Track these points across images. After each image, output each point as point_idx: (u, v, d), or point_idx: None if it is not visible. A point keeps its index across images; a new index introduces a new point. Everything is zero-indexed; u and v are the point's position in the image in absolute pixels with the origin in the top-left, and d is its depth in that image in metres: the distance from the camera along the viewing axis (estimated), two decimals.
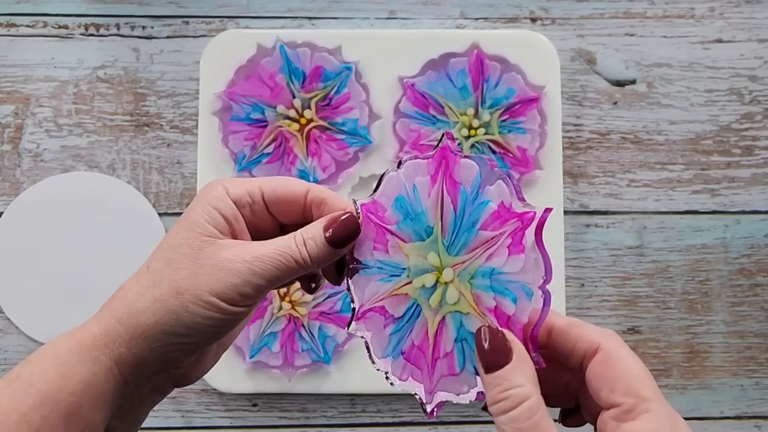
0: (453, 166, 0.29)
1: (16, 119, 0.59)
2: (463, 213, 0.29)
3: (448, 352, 0.30)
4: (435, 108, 0.56)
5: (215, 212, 0.30)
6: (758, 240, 0.59)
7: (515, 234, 0.28)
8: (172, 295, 0.29)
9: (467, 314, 0.29)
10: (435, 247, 0.30)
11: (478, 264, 0.29)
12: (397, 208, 0.30)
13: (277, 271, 0.29)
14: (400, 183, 0.30)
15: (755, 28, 0.60)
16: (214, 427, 0.58)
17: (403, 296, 0.31)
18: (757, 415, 0.59)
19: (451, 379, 0.30)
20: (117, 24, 0.60)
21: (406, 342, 0.31)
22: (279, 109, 0.56)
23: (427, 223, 0.30)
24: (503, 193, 0.29)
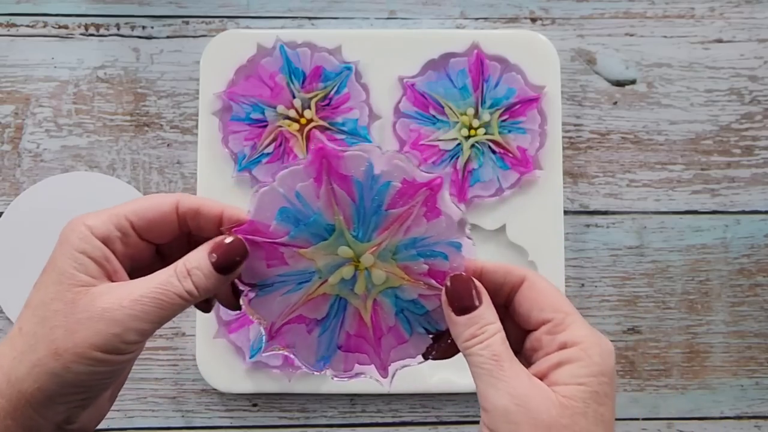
0: (337, 162, 0.29)
1: (16, 119, 0.59)
2: (363, 200, 0.29)
3: (391, 326, 0.31)
4: (435, 108, 0.56)
5: (82, 257, 0.28)
6: (758, 240, 0.59)
7: (428, 201, 0.29)
8: (51, 358, 0.26)
9: (400, 287, 0.30)
10: (343, 240, 0.30)
11: (398, 240, 0.30)
12: (283, 219, 0.29)
13: (160, 311, 0.27)
14: (277, 195, 0.29)
15: (755, 28, 0.60)
16: (214, 427, 0.58)
17: (322, 297, 0.30)
18: (757, 415, 0.59)
19: (401, 347, 0.31)
20: (117, 24, 0.60)
21: (341, 335, 0.31)
22: (279, 109, 0.56)
23: (325, 222, 0.29)
24: (403, 171, 0.29)
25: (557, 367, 0.28)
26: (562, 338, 0.28)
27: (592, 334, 0.28)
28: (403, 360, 0.31)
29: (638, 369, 0.59)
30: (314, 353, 0.31)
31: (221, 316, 0.55)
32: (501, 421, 0.27)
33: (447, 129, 0.56)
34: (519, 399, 0.26)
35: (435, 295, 0.30)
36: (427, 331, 0.31)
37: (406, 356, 0.31)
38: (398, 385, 0.56)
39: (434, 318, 0.31)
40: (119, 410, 0.57)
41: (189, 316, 0.57)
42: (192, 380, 0.58)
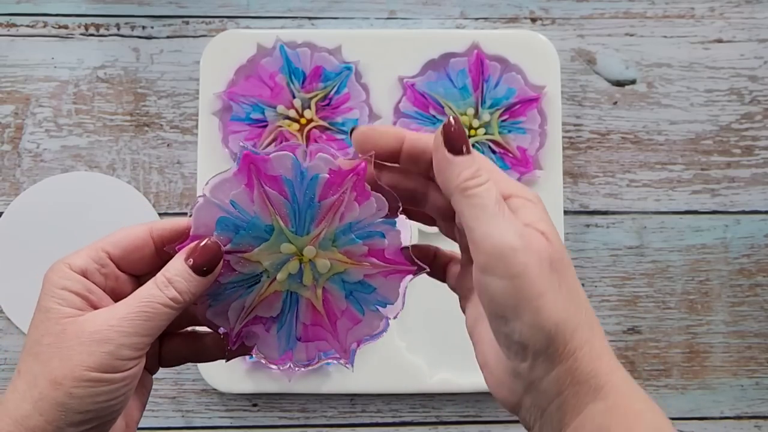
0: (264, 166, 0.30)
1: (16, 119, 0.59)
2: (295, 196, 0.30)
3: (344, 310, 0.32)
4: (435, 108, 0.56)
5: (64, 292, 0.28)
6: (758, 240, 0.59)
7: (356, 186, 0.30)
8: (51, 389, 0.27)
9: (345, 271, 0.31)
10: (283, 238, 0.31)
11: (334, 227, 0.31)
12: (223, 229, 0.30)
13: (147, 322, 0.28)
14: (213, 207, 0.30)
15: (755, 28, 0.60)
16: (214, 427, 0.58)
17: (274, 295, 0.31)
18: (757, 415, 0.59)
19: (357, 327, 0.32)
20: (117, 24, 0.60)
21: (298, 328, 0.32)
22: (279, 109, 0.56)
23: (263, 224, 0.30)
24: (328, 162, 0.30)
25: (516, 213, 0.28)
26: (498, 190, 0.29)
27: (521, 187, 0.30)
28: (362, 338, 0.33)
29: (638, 369, 0.59)
30: (276, 349, 0.32)
31: None
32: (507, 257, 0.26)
33: None
34: (522, 237, 0.27)
35: (379, 272, 0.32)
36: (378, 307, 0.32)
37: (363, 335, 0.33)
38: (398, 385, 0.57)
39: (382, 294, 0.32)
40: None
41: None
42: (192, 380, 0.58)
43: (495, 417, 0.58)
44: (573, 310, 0.27)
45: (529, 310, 0.26)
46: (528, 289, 0.26)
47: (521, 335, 0.27)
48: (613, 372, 0.27)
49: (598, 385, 0.27)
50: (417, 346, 0.56)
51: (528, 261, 0.26)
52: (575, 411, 0.27)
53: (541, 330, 0.26)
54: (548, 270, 0.27)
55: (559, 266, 0.27)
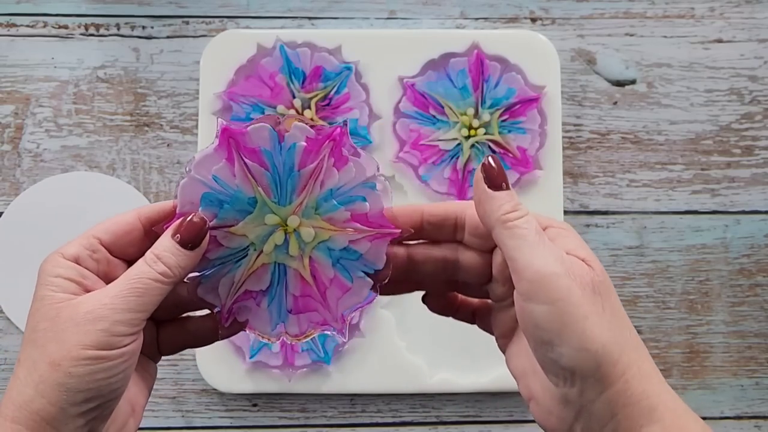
0: (243, 139, 0.30)
1: (16, 119, 0.59)
2: (275, 167, 0.31)
3: (332, 278, 0.32)
4: (435, 108, 0.56)
5: (58, 279, 0.29)
6: (758, 240, 0.59)
7: (334, 152, 0.31)
8: (51, 371, 0.27)
9: (330, 238, 0.32)
10: (266, 209, 0.31)
11: (315, 195, 0.31)
12: (207, 204, 0.31)
13: (139, 298, 0.29)
14: (196, 183, 0.31)
15: (755, 28, 0.60)
16: (214, 427, 0.58)
17: (262, 268, 0.32)
18: (757, 415, 0.59)
19: (347, 295, 0.32)
20: (117, 24, 0.60)
21: (288, 300, 0.32)
22: (279, 109, 0.56)
23: (246, 197, 0.31)
24: (304, 130, 0.31)
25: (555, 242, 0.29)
26: None
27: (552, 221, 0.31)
28: (352, 306, 0.33)
29: None
30: (268, 323, 0.32)
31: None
32: (550, 283, 0.27)
33: (447, 129, 0.56)
34: (564, 262, 0.28)
35: (364, 237, 0.32)
36: (366, 274, 0.32)
37: (353, 303, 0.32)
38: (398, 385, 0.57)
39: (369, 260, 0.32)
40: None
41: None
42: (192, 380, 0.58)
43: (495, 417, 0.58)
44: (619, 332, 0.27)
45: (574, 332, 0.27)
46: (572, 312, 0.27)
47: (569, 359, 0.27)
48: (664, 393, 0.27)
49: (650, 406, 0.27)
50: (417, 346, 0.56)
51: (570, 285, 0.27)
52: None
53: (588, 352, 0.27)
54: (591, 293, 0.27)
55: (601, 289, 0.28)
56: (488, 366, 0.55)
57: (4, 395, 0.28)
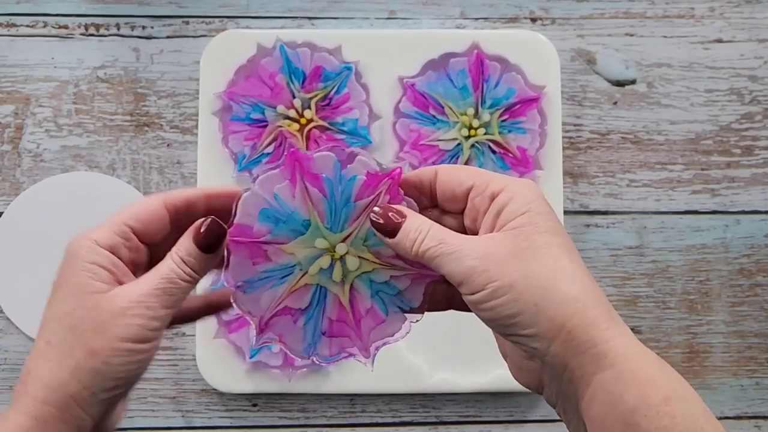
0: (308, 164, 0.32)
1: (16, 119, 0.59)
2: (333, 195, 0.32)
3: (368, 308, 0.34)
4: (435, 108, 0.56)
5: (94, 267, 0.31)
6: (758, 240, 0.59)
7: (391, 189, 0.32)
8: (90, 358, 0.29)
9: (373, 270, 0.33)
10: (318, 233, 0.33)
11: (366, 227, 0.33)
12: (264, 219, 0.32)
13: (170, 297, 0.31)
14: (258, 198, 0.32)
15: (755, 28, 0.60)
16: (214, 427, 0.58)
17: (304, 288, 0.33)
18: (757, 415, 0.59)
19: (380, 327, 0.34)
20: (117, 24, 0.60)
21: (323, 322, 0.34)
22: (279, 109, 0.56)
23: (301, 218, 0.32)
24: (366, 165, 0.32)
25: (498, 215, 0.30)
26: (488, 192, 0.30)
27: (511, 178, 0.31)
28: (384, 339, 0.34)
29: None
30: (301, 341, 0.34)
31: (221, 316, 0.55)
32: (474, 280, 0.29)
33: (447, 129, 0.56)
34: (478, 253, 0.29)
35: (405, 275, 0.33)
36: (402, 310, 0.34)
37: (385, 335, 0.34)
38: (398, 385, 0.57)
39: (407, 297, 0.33)
40: None
41: None
42: (192, 380, 0.58)
43: (495, 417, 0.58)
44: (551, 286, 0.28)
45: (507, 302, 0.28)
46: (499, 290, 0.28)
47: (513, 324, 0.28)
48: (614, 338, 0.28)
49: (599, 353, 0.28)
50: (417, 346, 0.56)
51: (488, 268, 0.28)
52: (585, 383, 0.28)
53: (523, 315, 0.28)
54: (511, 262, 0.29)
55: (525, 253, 0.29)
56: (488, 366, 0.55)
57: (26, 373, 0.30)
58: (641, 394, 0.27)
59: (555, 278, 0.28)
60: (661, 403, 0.26)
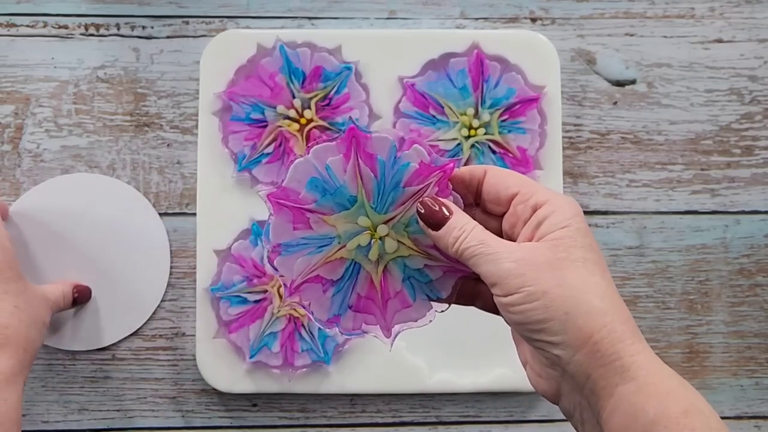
0: (365, 142, 0.33)
1: (16, 119, 0.59)
2: (384, 177, 0.33)
3: (398, 291, 0.34)
4: (435, 108, 0.56)
5: None
6: (758, 240, 0.59)
7: (441, 182, 0.33)
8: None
9: (409, 256, 0.34)
10: (363, 211, 0.33)
11: (410, 214, 0.33)
12: (312, 188, 0.33)
13: None
14: (309, 166, 0.33)
15: (755, 28, 0.60)
16: (214, 427, 0.58)
17: (339, 261, 0.34)
18: (757, 415, 0.59)
19: (405, 311, 0.34)
20: (117, 24, 0.60)
21: (352, 296, 0.34)
22: (279, 109, 0.56)
23: (348, 194, 0.33)
24: (421, 154, 0.33)
25: (538, 226, 0.31)
26: (532, 202, 0.31)
27: (555, 192, 0.32)
28: (407, 323, 0.35)
29: None
30: (327, 310, 0.34)
31: (221, 316, 0.55)
32: (509, 282, 0.29)
33: (447, 129, 0.56)
34: (515, 257, 0.30)
35: (439, 266, 0.34)
36: (429, 298, 0.34)
37: (409, 319, 0.34)
38: (398, 385, 0.57)
39: (437, 287, 0.34)
40: (119, 410, 0.57)
41: (189, 317, 0.57)
42: (192, 380, 0.58)
43: (495, 417, 0.58)
44: (582, 298, 0.29)
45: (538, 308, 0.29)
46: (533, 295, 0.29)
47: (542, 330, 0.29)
48: (638, 353, 0.29)
49: (623, 366, 0.28)
50: (417, 346, 0.56)
51: (524, 272, 0.29)
52: (607, 394, 0.29)
53: (554, 322, 0.29)
54: (547, 271, 0.29)
55: (562, 264, 0.30)
56: (488, 366, 0.55)
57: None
58: (662, 406, 0.28)
59: (587, 291, 0.29)
60: (681, 415, 0.27)
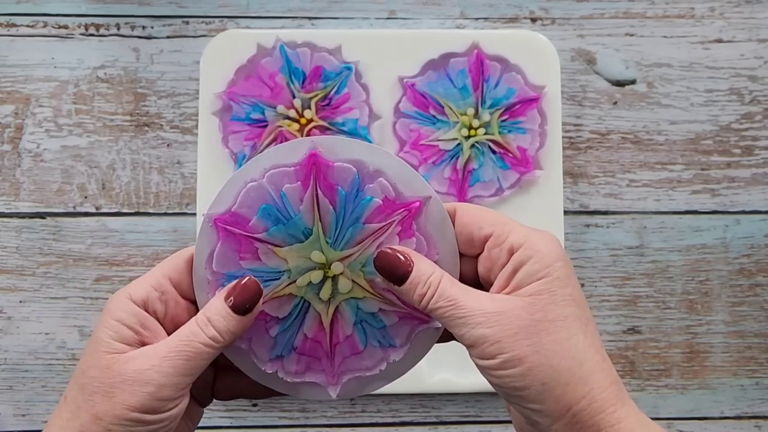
0: (326, 171, 0.30)
1: (16, 119, 0.59)
2: (344, 211, 0.30)
3: (348, 335, 0.32)
4: (435, 108, 0.56)
5: (118, 324, 0.29)
6: (758, 240, 0.59)
7: (404, 221, 0.30)
8: (93, 423, 0.27)
9: (363, 298, 0.31)
10: (317, 245, 0.31)
11: (369, 253, 0.31)
12: (264, 216, 0.30)
13: (187, 362, 0.28)
14: (263, 192, 0.30)
15: (755, 28, 0.60)
16: (214, 427, 0.58)
17: (287, 297, 0.31)
18: (758, 415, 0.59)
19: (355, 358, 0.32)
20: (117, 24, 0.60)
21: (298, 337, 0.32)
22: (279, 109, 0.56)
23: (304, 225, 0.30)
24: (385, 189, 0.30)
25: (514, 273, 0.29)
26: (507, 245, 0.29)
27: (533, 231, 0.29)
28: (356, 371, 0.32)
29: (638, 369, 0.59)
30: (269, 350, 0.32)
31: None
32: (485, 349, 0.28)
33: (447, 129, 0.56)
34: (491, 322, 0.28)
35: (394, 311, 0.31)
36: (381, 345, 0.32)
37: (359, 367, 0.32)
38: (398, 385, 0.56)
39: (390, 333, 0.32)
40: None
41: None
42: None
43: (495, 417, 0.58)
44: (561, 366, 0.27)
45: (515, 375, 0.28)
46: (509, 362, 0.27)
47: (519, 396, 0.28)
48: (620, 422, 0.27)
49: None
50: None
51: (500, 339, 0.27)
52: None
53: (530, 390, 0.27)
54: (524, 336, 0.27)
55: (539, 327, 0.28)
56: None
57: (46, 426, 0.28)
58: None
59: (566, 357, 0.27)
60: None
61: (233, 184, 0.31)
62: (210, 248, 0.31)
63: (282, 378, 0.32)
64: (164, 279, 0.30)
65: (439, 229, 0.31)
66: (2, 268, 0.58)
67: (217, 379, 0.33)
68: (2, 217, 0.58)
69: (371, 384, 0.33)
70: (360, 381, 0.33)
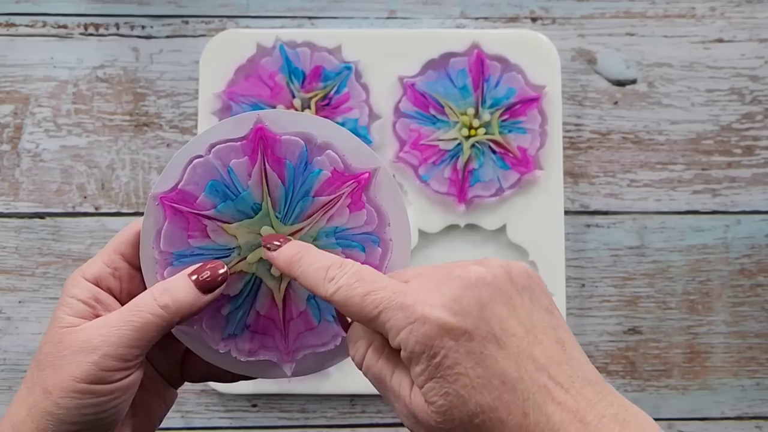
0: (273, 145, 0.29)
1: (15, 119, 0.59)
2: (293, 185, 0.30)
3: (301, 311, 0.31)
4: (435, 108, 0.56)
5: (72, 300, 0.28)
6: (759, 240, 0.59)
7: (354, 193, 0.30)
8: (43, 397, 0.27)
9: None
10: (267, 220, 0.30)
11: (319, 226, 0.30)
12: (212, 193, 0.29)
13: (134, 332, 0.27)
14: (210, 167, 0.29)
15: (756, 27, 0.60)
16: (214, 427, 0.58)
17: (237, 275, 0.30)
18: (758, 416, 0.59)
19: (309, 333, 0.31)
20: (116, 24, 0.59)
21: (250, 315, 0.31)
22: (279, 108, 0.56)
23: (252, 201, 0.30)
24: (334, 161, 0.30)
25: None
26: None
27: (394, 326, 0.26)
28: (311, 347, 0.32)
29: (639, 369, 0.58)
30: (221, 330, 0.31)
31: None
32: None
33: (447, 129, 0.56)
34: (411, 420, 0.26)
35: None
36: (335, 319, 0.31)
37: (312, 343, 0.32)
38: None
39: None
40: None
41: None
42: None
43: None
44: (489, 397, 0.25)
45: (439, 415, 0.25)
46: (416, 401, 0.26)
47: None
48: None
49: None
50: None
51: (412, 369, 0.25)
52: None
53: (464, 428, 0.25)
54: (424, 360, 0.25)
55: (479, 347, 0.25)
56: None
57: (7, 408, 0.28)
58: None
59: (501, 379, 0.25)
60: None
61: (178, 160, 0.30)
62: (157, 227, 0.30)
63: (235, 357, 0.31)
64: (116, 255, 0.30)
65: (390, 199, 0.31)
66: (1, 269, 0.58)
67: (185, 360, 0.33)
68: (1, 217, 0.58)
69: (328, 360, 0.32)
70: (317, 357, 0.32)
